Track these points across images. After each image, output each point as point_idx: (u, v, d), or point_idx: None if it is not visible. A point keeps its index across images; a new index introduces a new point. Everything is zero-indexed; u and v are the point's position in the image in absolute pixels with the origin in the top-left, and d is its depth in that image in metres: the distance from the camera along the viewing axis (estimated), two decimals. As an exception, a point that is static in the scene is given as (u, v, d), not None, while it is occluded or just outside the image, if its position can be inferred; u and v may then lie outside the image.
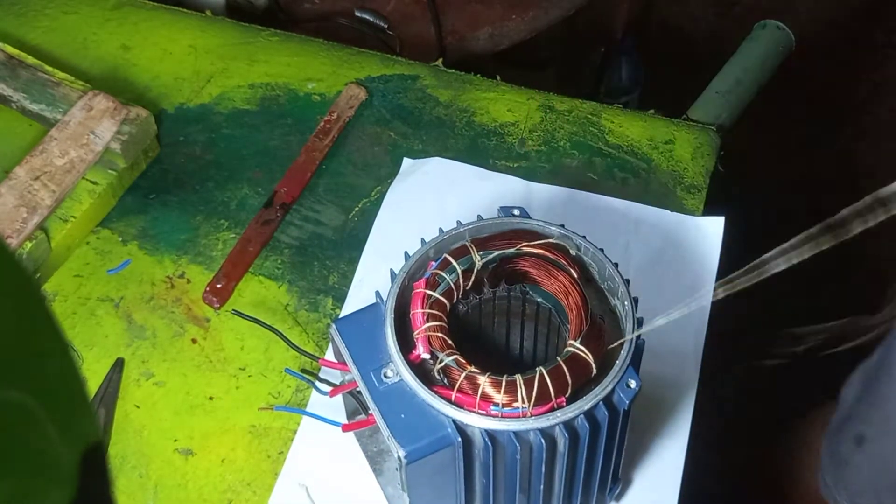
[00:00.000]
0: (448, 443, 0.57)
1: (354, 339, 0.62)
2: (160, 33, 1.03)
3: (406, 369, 0.59)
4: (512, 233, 0.66)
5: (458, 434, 0.57)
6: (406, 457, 0.57)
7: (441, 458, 0.58)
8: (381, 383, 0.59)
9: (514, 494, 0.62)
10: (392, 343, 0.60)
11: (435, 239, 0.65)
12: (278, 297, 0.84)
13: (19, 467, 0.29)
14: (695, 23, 2.18)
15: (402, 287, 0.63)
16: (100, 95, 0.89)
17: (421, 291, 0.62)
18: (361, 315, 0.64)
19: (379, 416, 0.58)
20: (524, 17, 1.25)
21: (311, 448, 0.76)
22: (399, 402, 0.59)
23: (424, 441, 0.57)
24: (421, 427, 0.58)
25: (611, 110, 0.97)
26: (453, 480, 0.61)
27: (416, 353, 0.61)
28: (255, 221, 0.88)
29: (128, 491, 0.75)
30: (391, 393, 0.59)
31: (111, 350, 0.81)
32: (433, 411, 0.58)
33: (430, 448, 0.57)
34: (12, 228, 0.81)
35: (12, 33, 1.02)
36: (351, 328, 0.63)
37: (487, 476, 0.60)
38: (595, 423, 0.58)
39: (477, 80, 1.00)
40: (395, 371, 0.60)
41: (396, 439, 0.57)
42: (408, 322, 0.62)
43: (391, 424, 0.58)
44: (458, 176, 0.91)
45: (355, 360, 0.61)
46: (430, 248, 0.64)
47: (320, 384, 0.72)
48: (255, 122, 0.97)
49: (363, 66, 1.01)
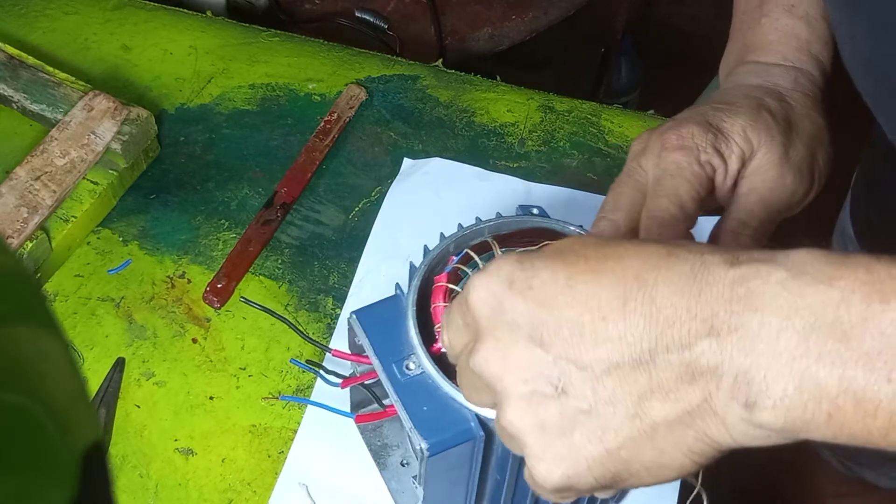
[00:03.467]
0: (470, 436, 0.57)
1: (375, 331, 0.62)
2: (161, 34, 1.04)
3: (429, 362, 0.59)
4: (533, 231, 0.66)
5: (481, 428, 0.57)
6: (428, 449, 0.57)
7: (461, 452, 0.58)
8: (404, 375, 0.60)
9: (526, 491, 0.62)
10: (415, 335, 0.60)
11: (455, 234, 0.65)
12: (279, 297, 0.84)
13: (19, 467, 0.29)
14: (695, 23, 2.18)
15: (422, 280, 0.63)
16: (100, 96, 0.89)
17: (443, 285, 0.62)
18: (380, 307, 0.64)
19: (401, 408, 0.58)
20: (524, 18, 1.25)
21: (312, 448, 0.76)
22: (421, 394, 0.59)
23: (447, 434, 0.57)
24: (443, 420, 0.58)
25: (610, 110, 0.97)
26: (468, 475, 0.61)
27: (437, 346, 0.61)
28: (256, 221, 0.88)
29: (128, 490, 0.75)
30: (413, 385, 0.59)
31: (112, 350, 0.81)
32: (455, 405, 0.58)
33: (453, 441, 0.57)
34: (13, 228, 0.82)
35: (13, 34, 1.02)
36: (371, 319, 0.63)
37: (503, 472, 0.60)
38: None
39: (477, 80, 1.00)
40: (418, 363, 0.60)
41: (419, 432, 0.57)
42: (429, 315, 0.62)
43: (413, 417, 0.58)
44: (458, 176, 0.92)
45: (377, 351, 0.61)
46: (451, 242, 0.64)
47: (329, 376, 0.71)
48: (255, 122, 0.97)
49: (363, 66, 1.01)
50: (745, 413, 0.42)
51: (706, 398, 0.43)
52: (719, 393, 0.43)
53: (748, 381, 0.42)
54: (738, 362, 0.42)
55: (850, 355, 0.40)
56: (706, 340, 0.43)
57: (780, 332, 0.41)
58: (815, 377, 0.41)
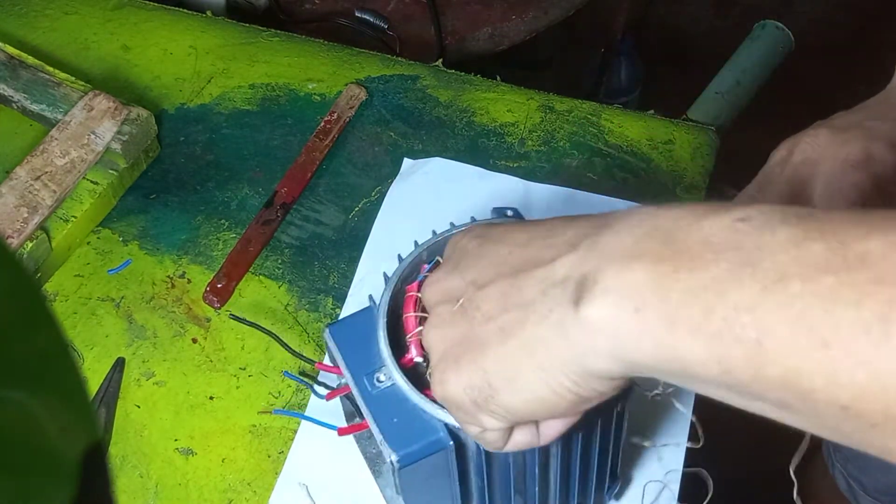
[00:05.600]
0: (440, 447, 0.57)
1: (348, 344, 0.62)
2: (161, 34, 1.04)
3: (398, 373, 0.58)
4: None
5: (451, 438, 0.57)
6: (398, 461, 0.57)
7: (434, 462, 0.58)
8: (374, 388, 0.59)
9: (509, 495, 0.62)
10: (384, 347, 0.60)
11: (427, 241, 0.64)
12: (279, 297, 0.84)
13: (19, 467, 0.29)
14: (695, 23, 2.18)
15: (395, 290, 0.62)
16: (100, 96, 0.89)
17: (413, 294, 0.61)
18: (355, 319, 0.63)
19: (371, 421, 0.58)
20: (524, 18, 1.25)
21: (312, 448, 0.76)
22: (392, 406, 0.58)
23: (416, 445, 0.57)
24: (413, 431, 0.57)
25: (610, 110, 0.97)
26: (448, 483, 0.61)
27: (409, 357, 0.60)
28: (256, 221, 0.88)
29: (128, 490, 0.75)
30: (384, 397, 0.59)
31: (112, 350, 0.81)
32: (425, 415, 0.57)
33: (423, 452, 0.57)
34: (13, 228, 0.82)
35: (13, 34, 1.02)
36: (345, 332, 0.63)
37: (482, 478, 0.60)
38: (589, 425, 0.58)
39: (477, 80, 1.00)
40: (388, 375, 0.59)
41: (389, 444, 0.57)
42: (401, 325, 0.62)
43: (384, 429, 0.58)
44: (458, 176, 0.92)
45: (348, 364, 0.61)
46: (423, 250, 0.64)
47: (318, 387, 0.71)
48: (255, 122, 0.97)
49: (363, 66, 1.01)
50: (574, 312, 0.44)
51: (553, 308, 0.45)
52: (563, 299, 0.45)
53: (584, 281, 0.44)
54: (582, 269, 0.45)
55: (667, 253, 0.42)
56: (566, 256, 0.46)
57: (623, 239, 0.44)
58: (633, 272, 0.43)
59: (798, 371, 0.38)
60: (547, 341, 0.46)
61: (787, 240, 0.39)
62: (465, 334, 0.49)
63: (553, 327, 0.45)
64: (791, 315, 0.38)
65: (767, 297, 0.39)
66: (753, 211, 0.41)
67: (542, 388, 0.47)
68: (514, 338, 0.47)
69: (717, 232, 0.41)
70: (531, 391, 0.47)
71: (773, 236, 0.40)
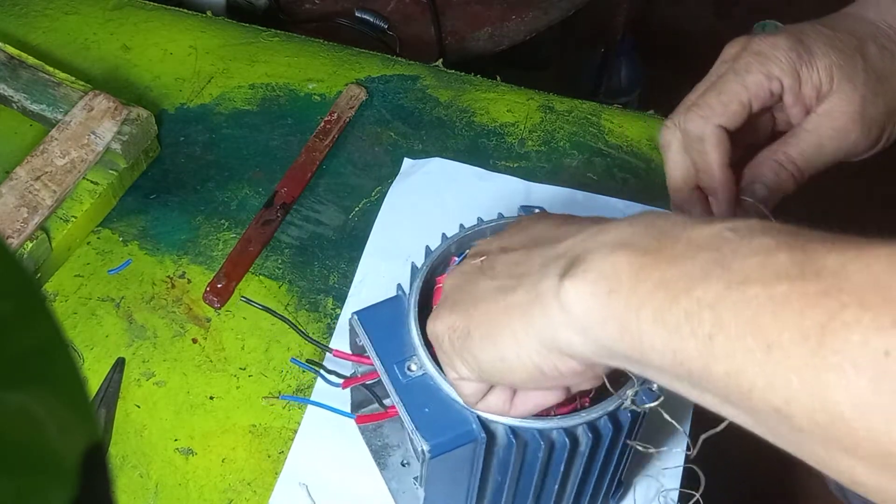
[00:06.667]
0: (472, 438, 0.57)
1: (376, 331, 0.62)
2: (161, 34, 1.04)
3: (431, 364, 0.59)
4: None
5: (483, 430, 0.57)
6: (430, 451, 0.57)
7: (462, 454, 0.58)
8: (405, 377, 0.59)
9: (527, 493, 0.62)
10: (417, 337, 0.60)
11: (457, 234, 0.64)
12: (279, 297, 0.84)
13: (19, 467, 0.29)
14: (695, 23, 2.18)
15: (424, 281, 0.63)
16: (100, 96, 0.89)
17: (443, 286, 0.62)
18: (381, 307, 0.64)
19: (403, 410, 0.58)
20: (524, 18, 1.25)
21: (312, 447, 0.76)
22: (423, 396, 0.59)
23: (448, 436, 0.57)
24: (445, 422, 0.57)
25: (610, 110, 0.97)
26: (468, 476, 0.61)
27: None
28: (256, 221, 0.88)
29: (128, 490, 0.75)
30: (415, 387, 0.59)
31: (112, 350, 0.81)
32: (457, 406, 0.58)
33: (454, 443, 0.57)
34: (13, 228, 0.82)
35: (13, 34, 1.02)
36: (372, 320, 0.63)
37: (504, 473, 0.60)
38: (618, 425, 0.58)
39: (477, 80, 1.00)
40: (420, 365, 0.59)
41: (421, 433, 0.57)
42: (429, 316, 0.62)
43: (415, 418, 0.58)
44: (458, 176, 0.92)
45: (378, 352, 0.61)
46: (453, 243, 0.64)
47: (328, 375, 0.71)
48: (255, 122, 0.97)
49: (363, 66, 1.01)
50: (557, 285, 0.47)
51: (542, 280, 0.49)
52: (553, 273, 0.48)
53: (575, 260, 0.47)
54: (578, 250, 0.48)
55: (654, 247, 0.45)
56: (572, 238, 0.50)
57: (622, 230, 0.47)
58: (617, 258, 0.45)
59: (740, 371, 0.40)
60: (525, 307, 0.49)
61: (760, 247, 0.41)
62: (472, 285, 0.54)
63: (537, 297, 0.49)
64: (744, 316, 0.40)
65: (728, 295, 0.41)
66: (741, 223, 0.43)
67: (509, 351, 0.50)
68: (504, 299, 0.51)
69: (704, 235, 0.44)
70: (498, 350, 0.51)
71: (749, 243, 0.42)
